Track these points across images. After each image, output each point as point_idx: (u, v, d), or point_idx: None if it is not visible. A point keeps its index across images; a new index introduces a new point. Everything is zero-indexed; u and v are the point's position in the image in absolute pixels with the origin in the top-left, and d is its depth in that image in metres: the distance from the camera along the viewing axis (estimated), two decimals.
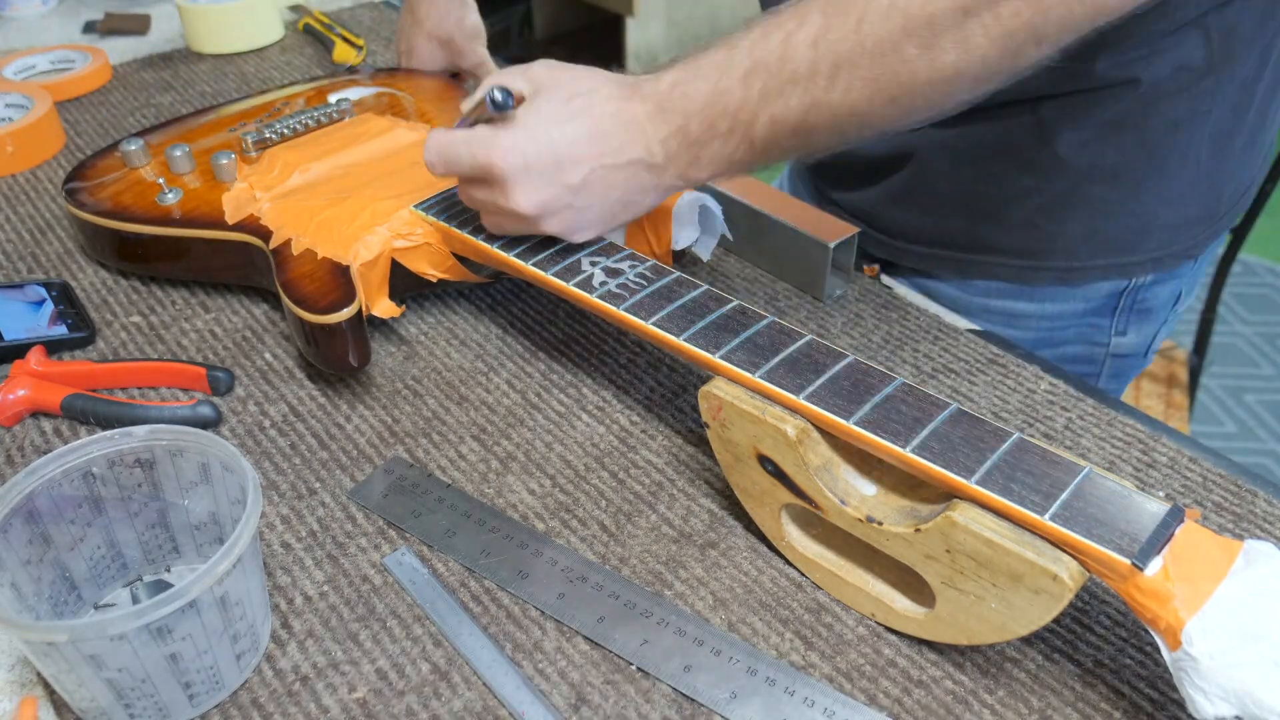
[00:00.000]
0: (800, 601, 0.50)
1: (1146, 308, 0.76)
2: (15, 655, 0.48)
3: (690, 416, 0.61)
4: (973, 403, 0.62)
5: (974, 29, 0.46)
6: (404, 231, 0.63)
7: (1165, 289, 0.76)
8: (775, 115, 0.50)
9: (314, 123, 0.77)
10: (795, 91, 0.49)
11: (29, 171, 0.87)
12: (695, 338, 0.51)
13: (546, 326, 0.69)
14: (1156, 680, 0.46)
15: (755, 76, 0.50)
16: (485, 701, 0.46)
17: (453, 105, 0.82)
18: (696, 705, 0.45)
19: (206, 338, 0.67)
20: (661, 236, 0.66)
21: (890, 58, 0.47)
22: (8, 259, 0.75)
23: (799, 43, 0.49)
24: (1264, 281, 2.25)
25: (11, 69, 1.00)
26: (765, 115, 0.50)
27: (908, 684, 0.46)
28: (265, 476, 0.57)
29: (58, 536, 0.47)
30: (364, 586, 0.51)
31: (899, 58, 0.47)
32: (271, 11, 1.09)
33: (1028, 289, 0.75)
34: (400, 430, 0.60)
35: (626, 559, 0.52)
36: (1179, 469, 0.57)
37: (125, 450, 0.48)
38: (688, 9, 2.44)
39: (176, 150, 0.72)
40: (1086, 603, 0.50)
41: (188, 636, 0.42)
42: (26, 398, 0.60)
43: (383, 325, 0.68)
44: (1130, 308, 0.76)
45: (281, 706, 0.46)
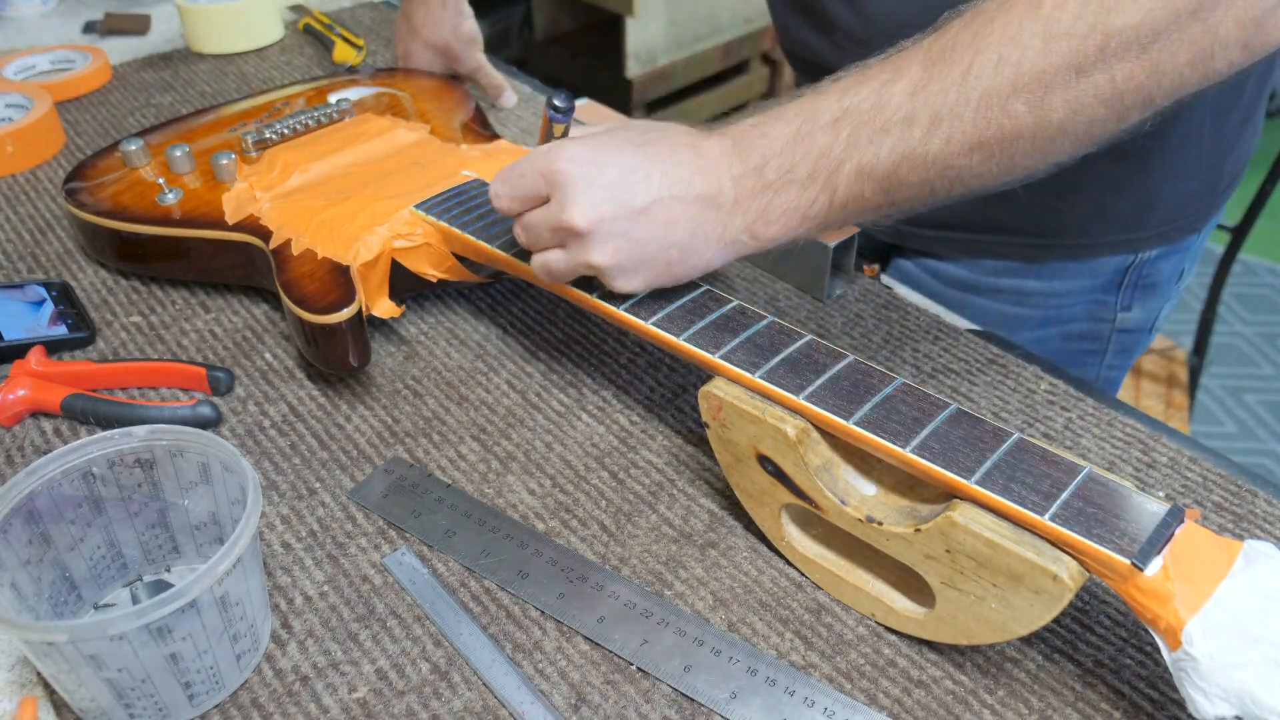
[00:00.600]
0: (800, 601, 0.50)
1: (1152, 282, 0.77)
2: (15, 655, 0.48)
3: (690, 416, 0.61)
4: (973, 403, 0.62)
5: (1086, 88, 0.44)
6: (404, 231, 0.63)
7: (1169, 263, 0.77)
8: (863, 165, 0.47)
9: (314, 123, 0.77)
10: (887, 141, 0.47)
11: (29, 171, 0.87)
12: (695, 338, 0.51)
13: (546, 326, 0.69)
14: (1156, 680, 0.46)
15: (844, 124, 0.47)
16: (485, 701, 0.46)
17: (452, 106, 0.82)
18: (696, 705, 0.45)
19: (206, 338, 0.67)
20: None
21: (996, 112, 0.45)
22: (8, 259, 0.75)
23: (896, 92, 0.46)
24: (1264, 281, 2.25)
25: (11, 69, 1.00)
26: (851, 164, 0.47)
27: (908, 684, 0.46)
28: (265, 476, 0.57)
29: (58, 536, 0.47)
30: (364, 586, 0.51)
31: (1005, 113, 0.45)
32: (271, 11, 1.09)
33: (1036, 267, 0.76)
34: (400, 430, 0.60)
35: (626, 559, 0.52)
36: (1179, 469, 0.57)
37: (125, 450, 0.48)
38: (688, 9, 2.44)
39: (176, 150, 0.72)
40: (1086, 603, 0.50)
41: (188, 636, 0.42)
42: (26, 398, 0.60)
43: (383, 325, 0.68)
44: (1136, 283, 0.77)
45: (281, 706, 0.46)
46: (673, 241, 0.50)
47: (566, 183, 0.50)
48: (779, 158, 0.48)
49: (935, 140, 0.46)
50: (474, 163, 0.71)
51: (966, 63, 0.45)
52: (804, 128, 0.48)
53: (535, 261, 0.54)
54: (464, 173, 0.69)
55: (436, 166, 0.71)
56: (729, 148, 0.50)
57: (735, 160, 0.49)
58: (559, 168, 0.50)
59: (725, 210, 0.50)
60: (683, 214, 0.49)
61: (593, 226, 0.49)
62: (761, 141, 0.49)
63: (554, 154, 0.50)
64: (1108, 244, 0.74)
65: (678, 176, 0.49)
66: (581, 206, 0.49)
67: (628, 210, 0.49)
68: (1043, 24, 0.43)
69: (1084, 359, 0.82)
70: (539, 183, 0.51)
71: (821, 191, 0.48)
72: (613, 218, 0.49)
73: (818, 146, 0.48)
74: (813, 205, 0.49)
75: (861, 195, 0.48)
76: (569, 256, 0.52)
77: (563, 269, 0.53)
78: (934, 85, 0.46)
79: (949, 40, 0.46)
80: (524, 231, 0.54)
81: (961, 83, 0.45)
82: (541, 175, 0.51)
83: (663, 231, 0.50)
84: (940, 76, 0.45)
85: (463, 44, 0.92)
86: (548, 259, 0.53)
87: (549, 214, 0.51)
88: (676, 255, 0.51)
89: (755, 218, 0.50)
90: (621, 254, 0.50)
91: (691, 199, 0.49)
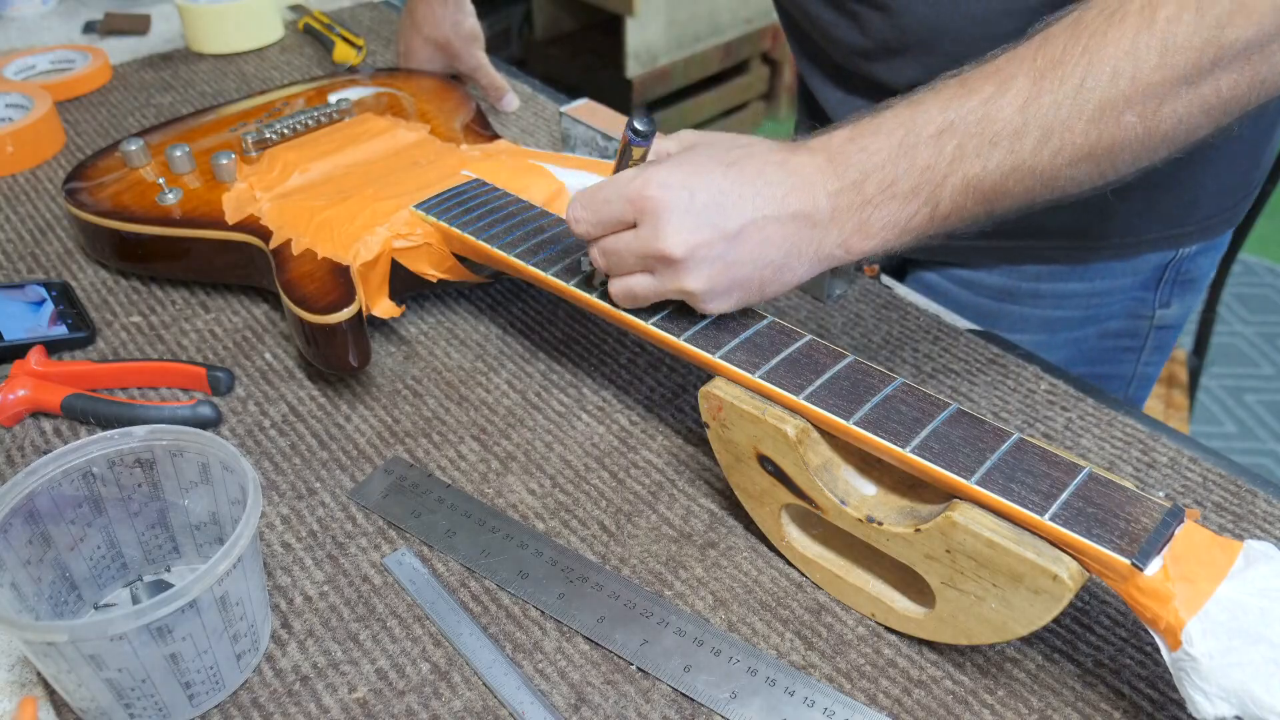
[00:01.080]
0: (800, 601, 0.50)
1: (1190, 278, 0.78)
2: (15, 655, 0.48)
3: (690, 416, 0.61)
4: (973, 403, 0.62)
5: (1194, 99, 0.45)
6: (404, 231, 0.63)
7: (1207, 259, 0.78)
8: (969, 178, 0.47)
9: (314, 123, 0.77)
10: (995, 154, 0.46)
11: (29, 171, 0.87)
12: (695, 338, 0.51)
13: (546, 326, 0.69)
14: (1156, 680, 0.46)
15: (949, 136, 0.47)
16: (485, 701, 0.46)
17: (453, 106, 0.82)
18: (696, 705, 0.45)
19: (206, 338, 0.67)
20: None
21: (1108, 124, 0.45)
22: (8, 259, 0.75)
23: (1004, 105, 0.46)
24: (1264, 281, 2.25)
25: (11, 69, 1.00)
26: (957, 177, 0.47)
27: (908, 684, 0.46)
28: (265, 476, 0.57)
29: (58, 536, 0.47)
30: (364, 586, 0.51)
31: (1117, 124, 0.45)
32: (271, 11, 1.09)
33: (1080, 268, 0.76)
34: (400, 430, 0.60)
35: (626, 559, 0.52)
36: (1179, 469, 0.57)
37: (125, 450, 0.48)
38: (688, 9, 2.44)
39: (176, 150, 0.72)
40: (1086, 603, 0.50)
41: (188, 636, 0.42)
42: (26, 398, 0.60)
43: (383, 325, 0.68)
44: (1174, 279, 0.77)
45: (281, 706, 0.46)
46: (767, 261, 0.49)
47: (658, 209, 0.48)
48: (880, 172, 0.47)
49: (1045, 152, 0.46)
50: (474, 163, 0.71)
51: (1079, 76, 0.45)
52: (906, 141, 0.47)
53: (616, 287, 0.52)
54: (464, 173, 0.69)
55: (436, 166, 0.71)
56: (823, 163, 0.48)
57: (831, 176, 0.48)
58: (650, 194, 0.48)
59: (821, 227, 0.48)
60: (777, 233, 0.48)
61: (688, 253, 0.48)
62: (860, 156, 0.48)
63: (643, 179, 0.48)
64: (1152, 241, 0.74)
65: (770, 195, 0.48)
66: (676, 233, 0.48)
67: (722, 234, 0.48)
68: (1159, 38, 0.44)
69: (1121, 356, 0.82)
70: (626, 208, 0.49)
71: (924, 205, 0.48)
72: (708, 242, 0.48)
73: (922, 160, 0.47)
74: (913, 219, 0.48)
75: (963, 208, 0.48)
76: (658, 283, 0.50)
77: (648, 295, 0.51)
78: (1045, 98, 0.45)
79: (1056, 53, 0.46)
80: (604, 256, 0.51)
81: (1075, 95, 0.45)
82: (630, 201, 0.49)
83: (757, 252, 0.48)
84: (1052, 89, 0.45)
85: (463, 41, 0.92)
86: (631, 285, 0.51)
87: (638, 241, 0.49)
88: (770, 275, 0.49)
89: (852, 232, 0.48)
90: (716, 278, 0.49)
91: (786, 218, 0.48)
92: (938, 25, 0.67)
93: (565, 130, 0.84)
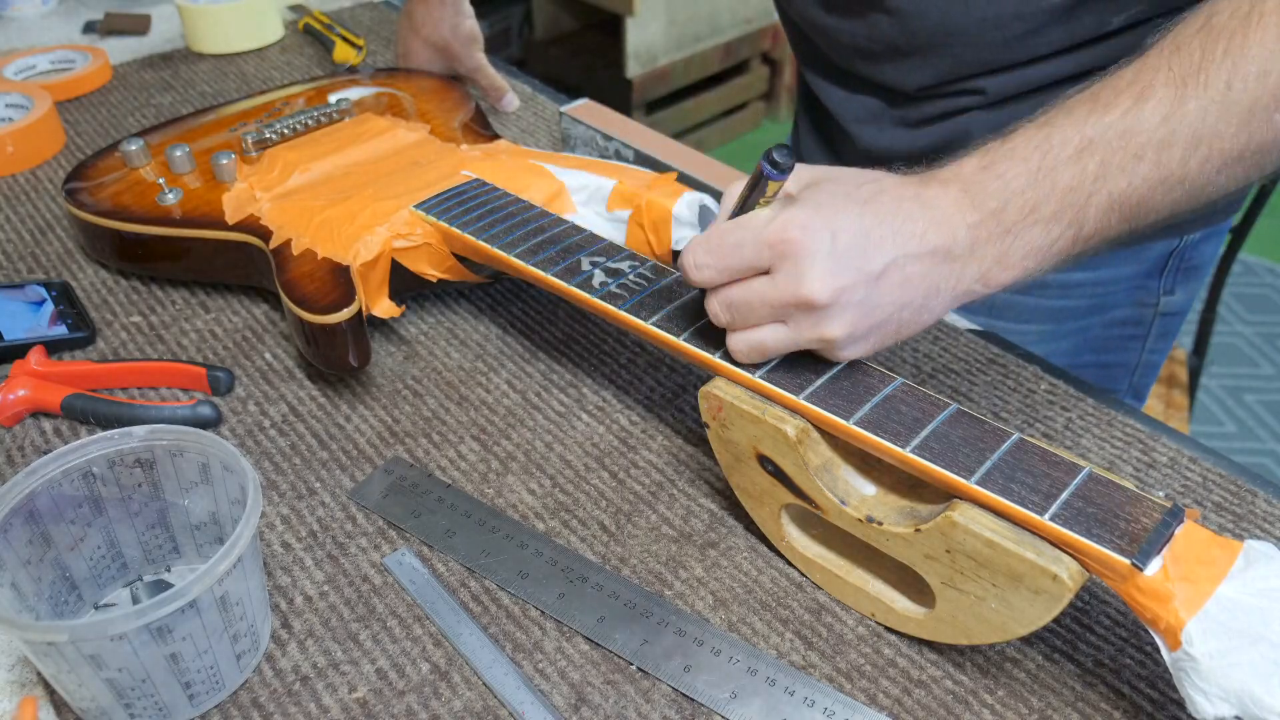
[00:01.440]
0: (800, 601, 0.50)
1: (1193, 265, 0.78)
2: (15, 655, 0.48)
3: (690, 416, 0.61)
4: (973, 403, 0.62)
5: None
6: (404, 231, 0.63)
7: (1210, 245, 0.78)
8: (1114, 195, 0.45)
9: (314, 123, 0.77)
10: (1141, 168, 0.45)
11: (29, 171, 0.87)
12: (695, 338, 0.51)
13: (546, 326, 0.69)
14: (1156, 680, 0.46)
15: (1090, 154, 0.45)
16: (485, 701, 0.46)
17: (452, 106, 0.82)
18: (696, 705, 0.45)
19: (206, 338, 0.67)
20: (661, 236, 0.66)
21: (1258, 125, 0.44)
22: (8, 259, 0.75)
23: (1147, 116, 0.45)
24: (1264, 281, 2.25)
25: (11, 69, 1.00)
26: (1102, 195, 0.45)
27: (908, 684, 0.46)
28: (265, 476, 0.57)
29: (58, 536, 0.47)
30: (364, 586, 0.51)
31: (1268, 124, 0.45)
32: (271, 11, 1.09)
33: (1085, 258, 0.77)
34: (400, 430, 0.60)
35: (626, 559, 0.52)
36: (1179, 469, 0.57)
37: (125, 450, 0.48)
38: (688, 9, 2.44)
39: (176, 150, 0.72)
40: (1086, 603, 0.50)
41: (188, 636, 0.42)
42: (26, 398, 0.60)
43: (383, 325, 0.68)
44: (1178, 267, 0.78)
45: (281, 706, 0.46)
46: (906, 302, 0.46)
47: (800, 253, 0.44)
48: (1020, 198, 0.46)
49: (1194, 161, 0.45)
50: (474, 163, 0.71)
51: (1224, 79, 0.44)
52: (1044, 163, 0.46)
53: (741, 341, 0.48)
54: (464, 173, 0.69)
55: (436, 166, 0.71)
56: (958, 195, 0.46)
57: (969, 208, 0.46)
58: (790, 236, 0.44)
59: (960, 261, 0.46)
60: (917, 272, 0.46)
61: (832, 298, 0.45)
62: (996, 184, 0.46)
63: (782, 222, 0.45)
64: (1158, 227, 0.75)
65: (910, 233, 0.45)
66: (820, 278, 0.44)
67: (865, 276, 0.45)
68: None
69: (1127, 344, 0.82)
70: (761, 253, 0.45)
71: (1068, 228, 0.46)
72: (851, 286, 0.45)
73: (1063, 181, 0.45)
74: (1056, 243, 0.46)
75: (1108, 226, 0.47)
76: (794, 332, 0.47)
77: (779, 348, 0.47)
78: (1190, 105, 0.44)
79: (1193, 59, 0.45)
80: (728, 309, 0.47)
81: (1223, 99, 0.44)
82: (768, 246, 0.45)
83: (899, 294, 0.46)
84: (1196, 95, 0.44)
85: (462, 43, 0.92)
86: (761, 337, 0.47)
87: (774, 288, 0.46)
88: (909, 316, 0.47)
89: (992, 264, 0.46)
90: (857, 323, 0.46)
91: (926, 254, 0.45)
92: (948, 28, 0.67)
93: (565, 130, 0.84)
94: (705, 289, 0.48)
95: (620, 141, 0.78)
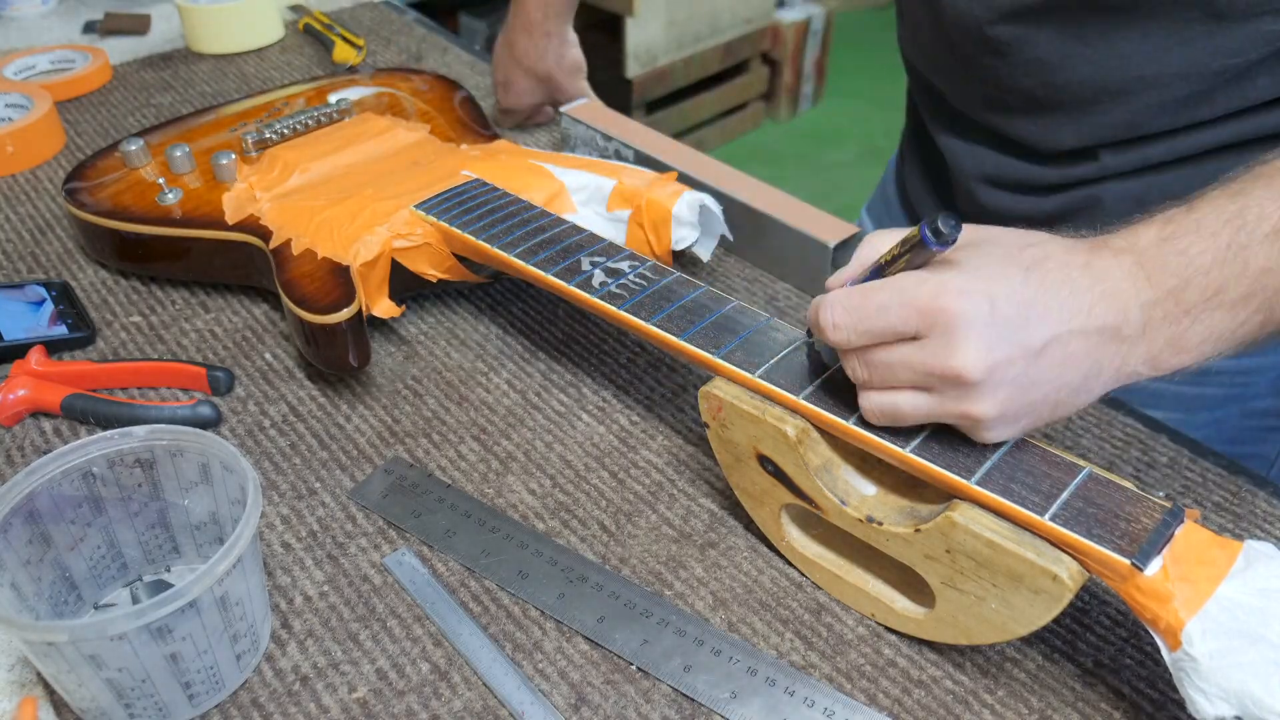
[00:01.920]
0: (800, 601, 0.50)
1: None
2: (15, 655, 0.48)
3: (690, 416, 0.61)
4: None
5: None
6: (404, 231, 0.63)
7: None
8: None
9: (314, 123, 0.77)
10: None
11: (29, 171, 0.87)
12: (695, 338, 0.51)
13: (546, 326, 0.69)
14: (1156, 680, 0.46)
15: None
16: (485, 701, 0.46)
17: (452, 106, 0.82)
18: (696, 705, 0.45)
19: (206, 338, 0.67)
20: (661, 236, 0.66)
21: None
22: (8, 259, 0.75)
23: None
24: None
25: (11, 69, 1.00)
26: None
27: (908, 684, 0.46)
28: (265, 476, 0.57)
29: (58, 536, 0.47)
30: (364, 586, 0.51)
31: None
32: (271, 11, 1.09)
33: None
34: (400, 430, 0.60)
35: (626, 559, 0.52)
36: (1179, 469, 0.57)
37: (125, 450, 0.48)
38: (688, 9, 2.44)
39: (176, 150, 0.72)
40: (1086, 603, 0.50)
41: (188, 636, 0.42)
42: (26, 398, 0.60)
43: (383, 325, 0.68)
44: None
45: (281, 706, 0.46)
46: (1064, 382, 0.42)
47: (954, 321, 0.40)
48: (1204, 277, 0.41)
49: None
50: (474, 163, 0.71)
51: None
52: (1236, 239, 0.41)
53: (875, 403, 0.44)
54: (464, 173, 0.69)
55: (436, 166, 0.71)
56: (1132, 268, 0.42)
57: (1144, 283, 0.42)
58: (946, 304, 0.40)
59: (1128, 342, 0.42)
60: (1081, 349, 0.41)
61: (986, 374, 0.40)
62: (1179, 259, 0.42)
63: (936, 286, 0.41)
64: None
65: (1076, 306, 0.41)
66: (975, 351, 0.40)
67: (1025, 351, 0.40)
68: None
69: (1265, 436, 0.73)
70: (910, 318, 0.41)
71: (1255, 313, 0.42)
72: (1008, 361, 0.40)
73: (1257, 263, 0.41)
74: (1240, 328, 0.42)
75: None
76: (937, 403, 0.42)
77: (916, 416, 0.43)
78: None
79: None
80: (866, 368, 0.43)
81: None
82: (919, 311, 0.41)
83: (1057, 373, 0.41)
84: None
85: (567, 73, 0.89)
86: (898, 402, 0.43)
87: (923, 356, 0.41)
88: (1065, 397, 0.42)
89: (1163, 346, 0.42)
90: (1010, 402, 0.41)
91: (1092, 331, 0.41)
92: (1100, 85, 0.61)
93: (565, 130, 0.84)
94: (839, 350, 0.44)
95: (620, 141, 0.79)
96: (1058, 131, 0.64)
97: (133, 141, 0.74)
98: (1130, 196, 0.64)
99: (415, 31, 1.12)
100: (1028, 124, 0.65)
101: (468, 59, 1.05)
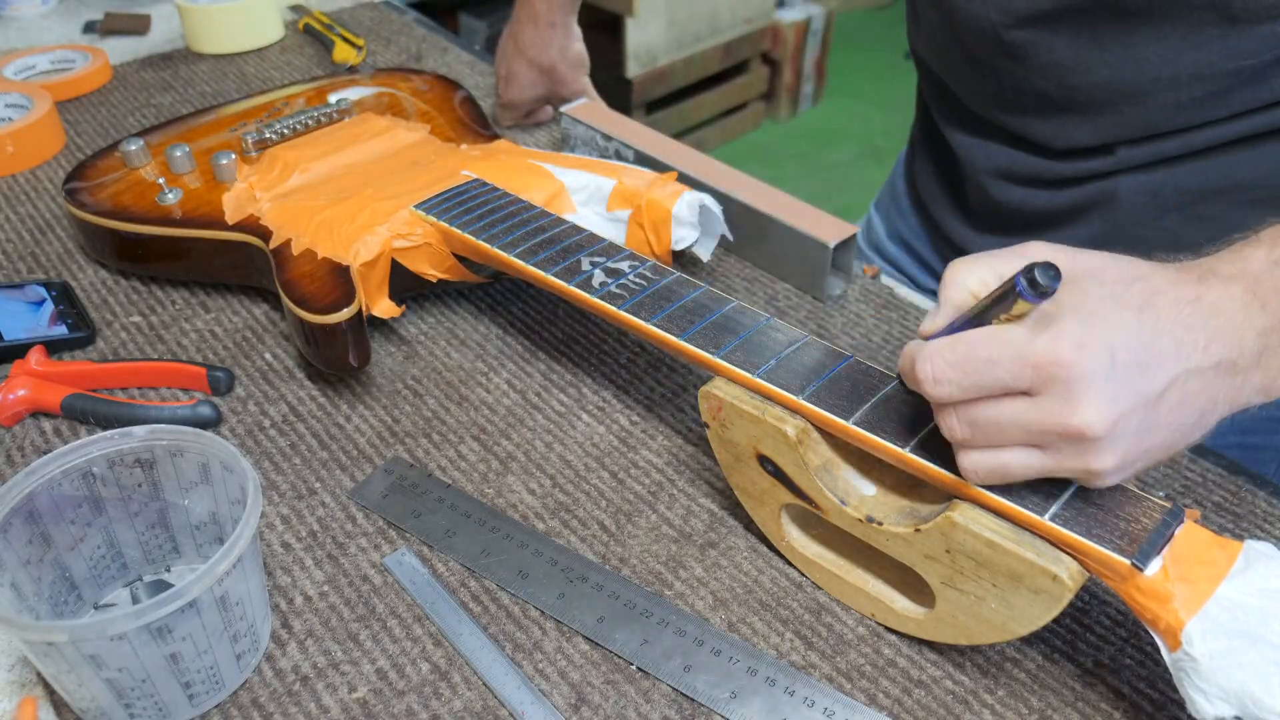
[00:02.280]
0: (800, 601, 0.50)
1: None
2: (15, 655, 0.48)
3: (690, 416, 0.61)
4: None
5: None
6: (404, 231, 0.63)
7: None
8: None
9: (314, 123, 0.77)
10: None
11: (29, 171, 0.87)
12: (695, 338, 0.51)
13: (546, 326, 0.69)
14: (1156, 680, 0.46)
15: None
16: (485, 701, 0.46)
17: (452, 105, 0.82)
18: (696, 705, 0.45)
19: (206, 338, 0.67)
20: (661, 236, 0.66)
21: None
22: (8, 259, 0.75)
23: None
24: None
25: (11, 69, 1.00)
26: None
27: (908, 684, 0.46)
28: (265, 476, 0.57)
29: (58, 536, 0.47)
30: (364, 586, 0.51)
31: None
32: (271, 11, 1.09)
33: None
34: (400, 430, 0.60)
35: (626, 559, 0.52)
36: (1179, 469, 0.57)
37: (125, 450, 0.48)
38: (688, 9, 2.44)
39: (176, 150, 0.72)
40: (1086, 603, 0.50)
41: (188, 636, 0.42)
42: (26, 398, 0.60)
43: (383, 325, 0.68)
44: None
45: (281, 706, 0.46)
46: (1181, 423, 0.40)
47: (1073, 378, 0.37)
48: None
49: None
50: (474, 163, 0.71)
51: None
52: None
53: (978, 462, 0.41)
54: (464, 173, 0.69)
55: (436, 166, 0.71)
56: (1244, 295, 0.40)
57: (1258, 310, 0.40)
58: (1064, 358, 0.37)
59: (1242, 373, 0.40)
60: (1198, 388, 0.39)
61: (1109, 428, 0.38)
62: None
63: (1052, 339, 0.38)
64: None
65: (1192, 344, 0.39)
66: (1098, 407, 0.37)
67: (1145, 400, 0.38)
68: None
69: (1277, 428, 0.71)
70: (1022, 373, 0.38)
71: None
72: (1130, 412, 0.38)
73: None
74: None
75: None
76: (1051, 461, 0.39)
77: (1030, 474, 0.40)
78: None
79: None
80: (970, 427, 0.40)
81: None
82: (1033, 366, 0.38)
83: (1175, 416, 0.39)
84: None
85: (570, 66, 0.89)
86: (1006, 462, 0.40)
87: (1038, 415, 0.38)
88: (1179, 437, 0.40)
89: (1278, 373, 0.41)
90: (1129, 452, 0.39)
91: (1208, 369, 0.39)
92: (1116, 87, 0.61)
93: (565, 130, 0.84)
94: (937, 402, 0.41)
95: (620, 141, 0.78)
96: (1074, 131, 0.64)
97: (133, 141, 0.74)
98: (1145, 190, 0.64)
99: (415, 31, 1.12)
100: (1043, 124, 0.65)
101: (468, 59, 1.05)
